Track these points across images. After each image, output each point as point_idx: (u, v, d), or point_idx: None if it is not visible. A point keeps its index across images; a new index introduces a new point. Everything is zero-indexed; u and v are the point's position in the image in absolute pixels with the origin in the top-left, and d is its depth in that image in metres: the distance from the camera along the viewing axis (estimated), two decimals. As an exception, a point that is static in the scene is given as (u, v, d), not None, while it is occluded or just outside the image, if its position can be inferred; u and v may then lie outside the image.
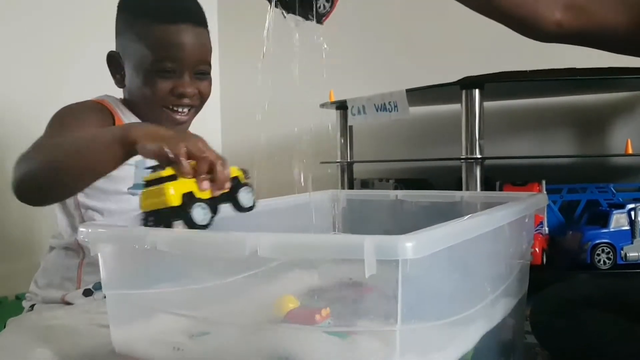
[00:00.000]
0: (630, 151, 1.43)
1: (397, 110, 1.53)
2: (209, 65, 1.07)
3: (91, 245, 0.67)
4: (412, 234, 0.50)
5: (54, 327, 0.88)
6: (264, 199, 0.98)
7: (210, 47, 1.07)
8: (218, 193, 0.69)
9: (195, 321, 0.65)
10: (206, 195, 0.68)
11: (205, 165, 0.67)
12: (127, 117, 1.05)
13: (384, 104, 1.56)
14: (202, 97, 1.07)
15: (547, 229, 1.47)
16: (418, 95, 1.50)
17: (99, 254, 0.68)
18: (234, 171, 0.73)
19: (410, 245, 0.49)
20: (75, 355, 0.84)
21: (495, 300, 0.76)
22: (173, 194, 0.65)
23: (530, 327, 1.06)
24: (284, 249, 0.53)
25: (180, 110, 1.04)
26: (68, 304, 1.01)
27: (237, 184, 0.73)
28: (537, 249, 1.37)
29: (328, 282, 0.66)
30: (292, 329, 0.58)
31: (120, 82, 1.07)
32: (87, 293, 1.01)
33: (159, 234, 0.60)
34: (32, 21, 1.63)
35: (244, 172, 0.76)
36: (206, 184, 0.67)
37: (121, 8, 1.07)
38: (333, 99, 1.74)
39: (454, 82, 1.40)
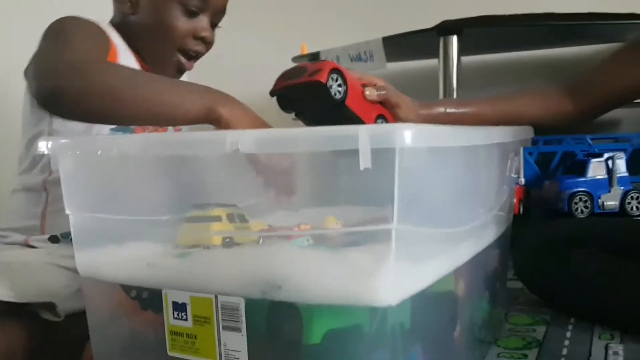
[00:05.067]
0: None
1: (373, 60, 1.48)
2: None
3: (52, 159, 0.61)
4: (408, 124, 0.46)
5: (11, 264, 0.83)
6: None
7: None
8: None
9: (171, 246, 0.60)
10: None
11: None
12: (124, 56, 0.95)
13: (359, 53, 1.51)
14: (209, 48, 1.01)
15: (523, 180, 1.45)
16: (395, 46, 1.46)
17: (59, 169, 0.61)
18: None
19: (408, 133, 0.45)
20: (31, 291, 0.78)
21: (485, 223, 0.73)
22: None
23: (513, 267, 1.04)
24: (270, 144, 0.49)
25: (193, 56, 0.98)
26: (32, 247, 0.94)
27: None
28: (514, 199, 1.35)
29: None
30: (277, 247, 0.54)
31: (131, 9, 0.95)
32: (54, 240, 0.94)
33: (127, 139, 0.55)
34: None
35: None
36: None
37: None
38: (305, 52, 1.68)
39: (431, 28, 1.36)
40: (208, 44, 0.98)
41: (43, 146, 0.61)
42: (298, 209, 0.58)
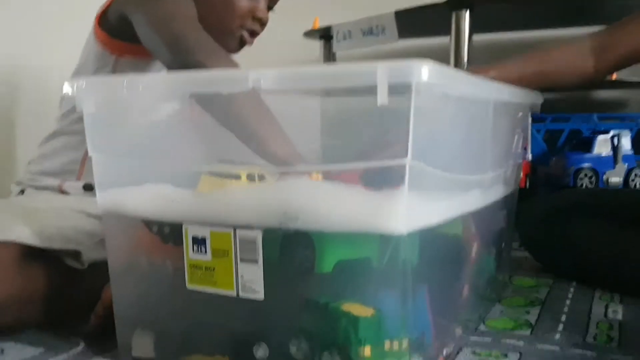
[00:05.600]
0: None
1: (385, 34, 1.50)
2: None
3: (76, 101, 0.63)
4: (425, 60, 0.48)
5: (40, 209, 0.84)
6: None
7: None
8: None
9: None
10: None
11: None
12: None
13: (371, 28, 1.52)
14: (263, 29, 1.01)
15: (530, 155, 1.47)
16: (407, 20, 1.47)
17: (83, 111, 0.63)
18: None
19: (425, 69, 0.47)
20: (57, 237, 0.80)
21: (493, 180, 0.75)
22: None
23: (519, 236, 1.06)
24: (291, 81, 0.51)
25: (254, 35, 0.98)
26: (64, 193, 0.94)
27: None
28: (521, 170, 1.37)
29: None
30: (295, 180, 0.56)
31: None
32: (88, 188, 0.94)
33: (151, 77, 0.57)
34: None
35: None
36: None
37: None
38: (318, 26, 1.70)
39: (443, 2, 1.37)
40: (263, 25, 0.99)
41: (67, 88, 0.63)
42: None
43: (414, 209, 0.51)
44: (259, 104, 0.69)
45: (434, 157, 0.54)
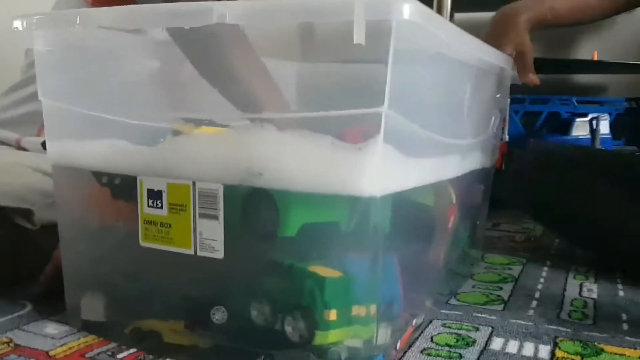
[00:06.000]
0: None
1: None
2: None
3: (27, 39, 0.58)
4: (407, -1, 0.44)
5: None
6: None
7: None
8: None
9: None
10: None
11: None
12: None
13: None
14: None
15: (507, 136, 1.44)
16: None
17: (33, 51, 0.58)
18: None
19: (406, 6, 0.43)
20: (8, 194, 0.75)
21: (471, 148, 0.72)
22: None
23: (508, 180, 1.00)
24: (259, 15, 0.46)
25: None
26: (22, 149, 0.89)
27: None
28: (497, 150, 1.34)
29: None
30: (261, 131, 0.51)
31: None
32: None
33: (109, 11, 0.52)
34: None
35: None
36: None
37: None
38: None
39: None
40: None
41: (18, 24, 0.57)
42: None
43: (388, 168, 0.47)
44: (243, 42, 0.64)
45: (412, 111, 0.50)
